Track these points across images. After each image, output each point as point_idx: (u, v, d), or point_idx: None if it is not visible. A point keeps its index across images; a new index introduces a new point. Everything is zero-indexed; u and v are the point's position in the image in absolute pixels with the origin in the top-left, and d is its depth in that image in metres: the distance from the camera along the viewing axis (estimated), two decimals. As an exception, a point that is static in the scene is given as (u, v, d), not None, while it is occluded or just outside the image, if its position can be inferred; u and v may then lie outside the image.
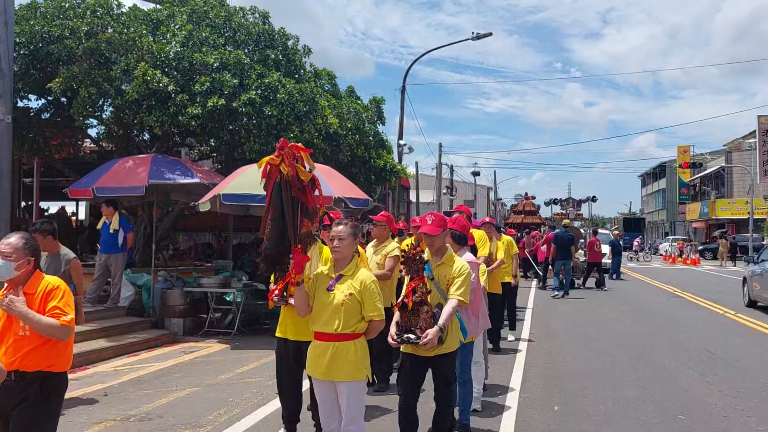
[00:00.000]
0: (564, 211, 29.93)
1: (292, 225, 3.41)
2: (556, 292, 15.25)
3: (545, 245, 16.73)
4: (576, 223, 27.31)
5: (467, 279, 4.00)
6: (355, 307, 3.48)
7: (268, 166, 3.45)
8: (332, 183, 9.22)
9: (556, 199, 28.83)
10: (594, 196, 28.46)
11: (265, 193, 3.58)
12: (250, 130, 11.36)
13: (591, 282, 18.88)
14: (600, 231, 26.96)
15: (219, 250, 15.13)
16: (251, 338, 9.28)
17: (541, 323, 11.13)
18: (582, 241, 18.33)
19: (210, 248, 16.08)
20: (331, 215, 5.17)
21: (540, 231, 22.04)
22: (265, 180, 3.49)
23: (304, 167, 3.48)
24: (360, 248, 5.40)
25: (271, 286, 4.35)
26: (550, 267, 16.67)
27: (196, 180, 10.12)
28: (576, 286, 17.97)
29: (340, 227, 3.57)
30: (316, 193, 3.56)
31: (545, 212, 32.15)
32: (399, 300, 3.97)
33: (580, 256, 18.79)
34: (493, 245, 8.10)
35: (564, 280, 15.52)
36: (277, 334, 4.37)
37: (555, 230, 18.62)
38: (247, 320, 10.22)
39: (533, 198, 33.39)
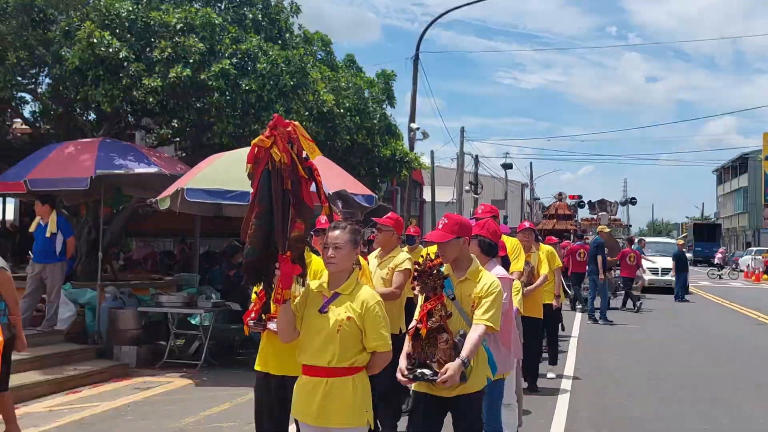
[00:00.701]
0: (595, 216, 29.76)
1: (281, 226, 3.38)
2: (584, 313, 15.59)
3: (569, 257, 16.90)
4: (633, 233, 27.63)
5: (497, 299, 3.96)
6: (354, 334, 3.45)
7: (256, 149, 3.42)
8: (325, 175, 9.21)
9: (582, 201, 28.64)
10: (633, 198, 28.84)
11: (239, 189, 3.56)
12: (223, 109, 11.37)
13: (649, 304, 18.93)
14: (656, 240, 26.84)
15: (182, 260, 15.14)
16: (223, 372, 9.28)
17: (589, 356, 11.09)
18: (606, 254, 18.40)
19: (171, 258, 16.08)
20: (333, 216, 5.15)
21: (571, 240, 22.37)
22: (251, 166, 3.46)
23: (302, 153, 3.46)
24: (361, 259, 5.38)
25: (251, 307, 4.33)
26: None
27: (154, 170, 10.12)
28: (631, 307, 18.09)
29: (337, 232, 3.54)
30: (313, 188, 3.53)
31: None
32: (411, 326, 3.93)
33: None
34: (534, 257, 8.06)
35: (600, 299, 15.74)
36: (256, 368, 4.34)
37: (583, 239, 18.69)
38: (218, 349, 10.22)
39: (579, 198, 33.06)
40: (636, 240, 21.54)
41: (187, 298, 9.89)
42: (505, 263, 5.58)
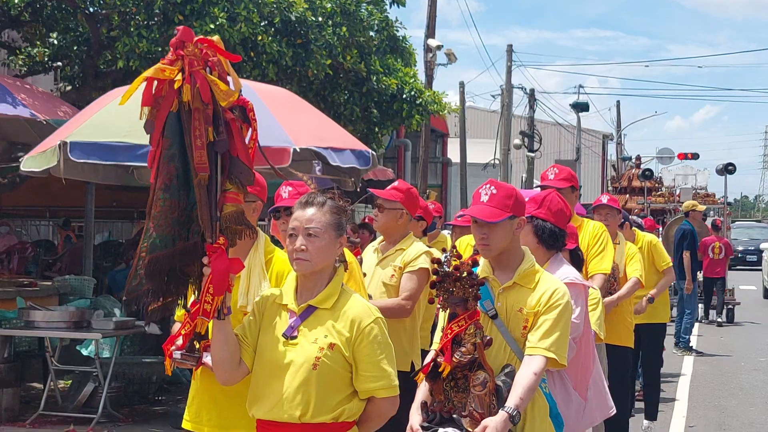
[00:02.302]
0: (674, 189, 30.26)
1: (206, 198, 3.38)
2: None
3: None
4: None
5: (564, 317, 4.01)
6: (338, 371, 3.49)
7: (155, 83, 3.41)
8: (292, 121, 9.20)
9: (648, 169, 29.40)
10: (731, 164, 29.59)
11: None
12: (131, 15, 11.31)
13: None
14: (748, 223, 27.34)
15: (67, 254, 15.17)
16: (132, 430, 9.33)
17: (708, 406, 11.15)
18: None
19: (49, 251, 16.09)
20: (292, 187, 5.14)
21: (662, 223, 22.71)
22: (148, 110, 3.45)
23: (227, 84, 3.44)
24: (348, 254, 5.41)
25: (174, 328, 4.33)
26: None
27: (21, 113, 10.09)
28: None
29: (311, 211, 3.58)
30: (249, 139, 3.51)
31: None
32: (428, 360, 3.96)
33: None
34: (619, 251, 8.04)
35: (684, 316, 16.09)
36: (185, 425, 4.37)
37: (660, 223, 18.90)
38: (125, 395, 10.27)
39: (694, 157, 33.50)
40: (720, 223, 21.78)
41: (76, 315, 9.90)
42: (576, 261, 5.60)
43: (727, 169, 28.94)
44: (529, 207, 4.61)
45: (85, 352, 9.87)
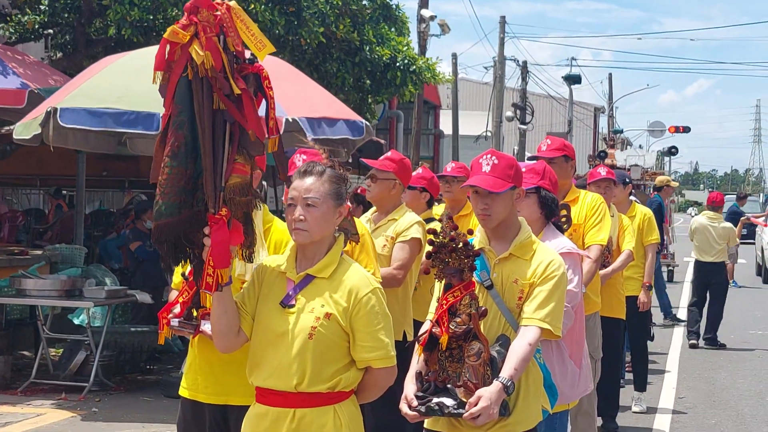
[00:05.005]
0: (626, 168, 31.44)
1: (210, 169, 3.38)
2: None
3: None
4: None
5: (560, 288, 4.02)
6: (335, 341, 3.50)
7: (168, 47, 3.40)
8: (285, 91, 9.19)
9: (602, 151, 30.88)
10: (673, 147, 31.91)
11: (145, 110, 3.53)
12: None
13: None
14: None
15: (58, 223, 15.13)
16: (124, 399, 9.36)
17: (698, 378, 11.21)
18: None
19: (41, 220, 16.04)
20: (306, 155, 5.16)
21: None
22: (162, 75, 3.44)
23: (242, 51, 3.43)
24: (361, 225, 5.44)
25: (171, 296, 4.33)
26: None
27: (11, 81, 10.03)
28: None
29: (309, 180, 3.57)
30: (263, 110, 3.50)
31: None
32: (423, 330, 3.96)
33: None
34: (614, 223, 8.05)
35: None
36: (182, 393, 4.39)
37: None
38: (117, 364, 10.29)
39: (686, 130, 34.25)
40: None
41: (68, 284, 9.91)
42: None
43: (670, 152, 31.44)
44: (531, 178, 4.63)
45: (76, 321, 9.88)
